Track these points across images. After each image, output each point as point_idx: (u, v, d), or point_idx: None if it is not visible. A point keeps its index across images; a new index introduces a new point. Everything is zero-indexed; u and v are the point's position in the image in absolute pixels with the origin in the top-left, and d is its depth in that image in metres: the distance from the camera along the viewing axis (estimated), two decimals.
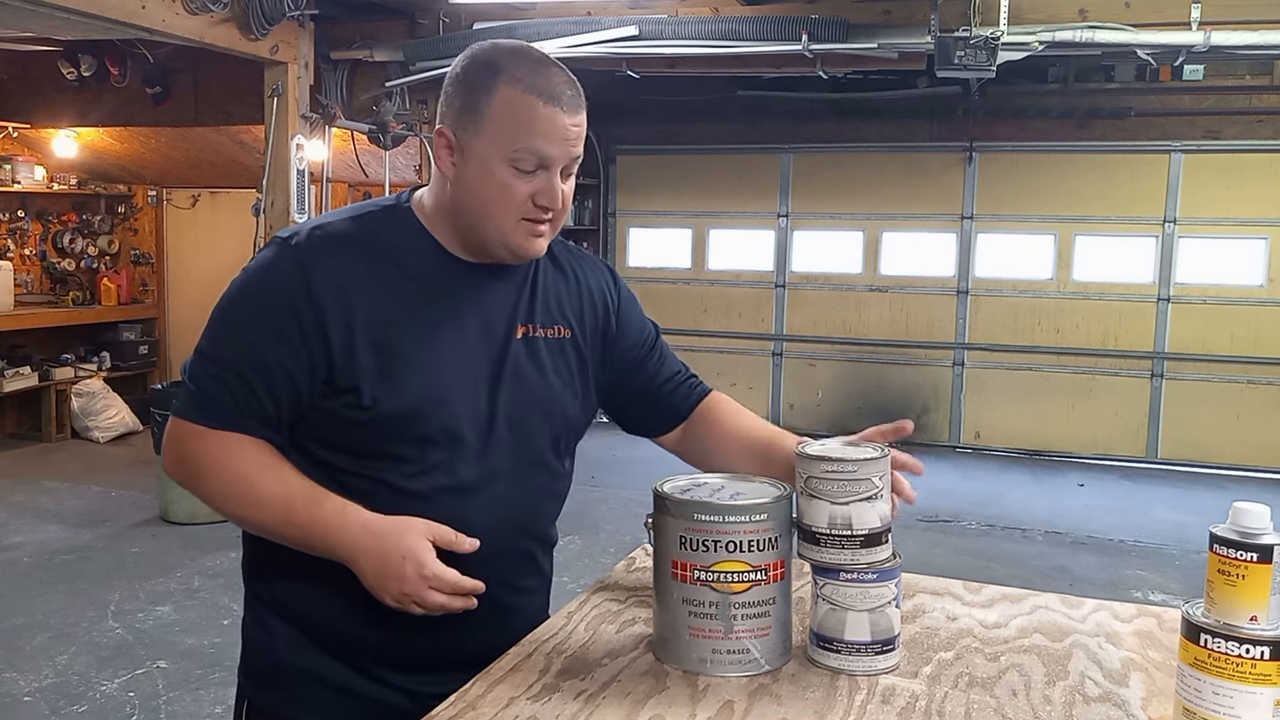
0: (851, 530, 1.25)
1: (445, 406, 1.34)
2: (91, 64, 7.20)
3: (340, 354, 1.30)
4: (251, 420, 1.33)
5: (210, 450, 1.33)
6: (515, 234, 1.34)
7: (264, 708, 1.45)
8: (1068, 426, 8.02)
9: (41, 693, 3.70)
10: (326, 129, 6.56)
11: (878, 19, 5.97)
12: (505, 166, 1.30)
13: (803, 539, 1.28)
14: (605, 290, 1.54)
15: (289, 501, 1.31)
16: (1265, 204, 7.49)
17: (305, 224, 1.39)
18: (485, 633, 1.37)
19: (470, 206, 1.34)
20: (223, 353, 1.34)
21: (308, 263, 1.32)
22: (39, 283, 8.54)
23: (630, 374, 1.56)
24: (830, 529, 1.25)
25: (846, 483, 1.25)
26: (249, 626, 1.48)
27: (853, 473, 1.25)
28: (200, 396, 1.34)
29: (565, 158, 1.32)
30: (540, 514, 1.49)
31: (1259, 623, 1.06)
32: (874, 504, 1.26)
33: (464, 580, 1.30)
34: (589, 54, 6.12)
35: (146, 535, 5.60)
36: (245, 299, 1.35)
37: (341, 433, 1.34)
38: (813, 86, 7.61)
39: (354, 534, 1.30)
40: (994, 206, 8.10)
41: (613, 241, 9.07)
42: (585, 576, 4.82)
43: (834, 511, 1.25)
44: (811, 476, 1.27)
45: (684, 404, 1.60)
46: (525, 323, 1.43)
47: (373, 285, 1.33)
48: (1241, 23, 5.45)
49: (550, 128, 1.29)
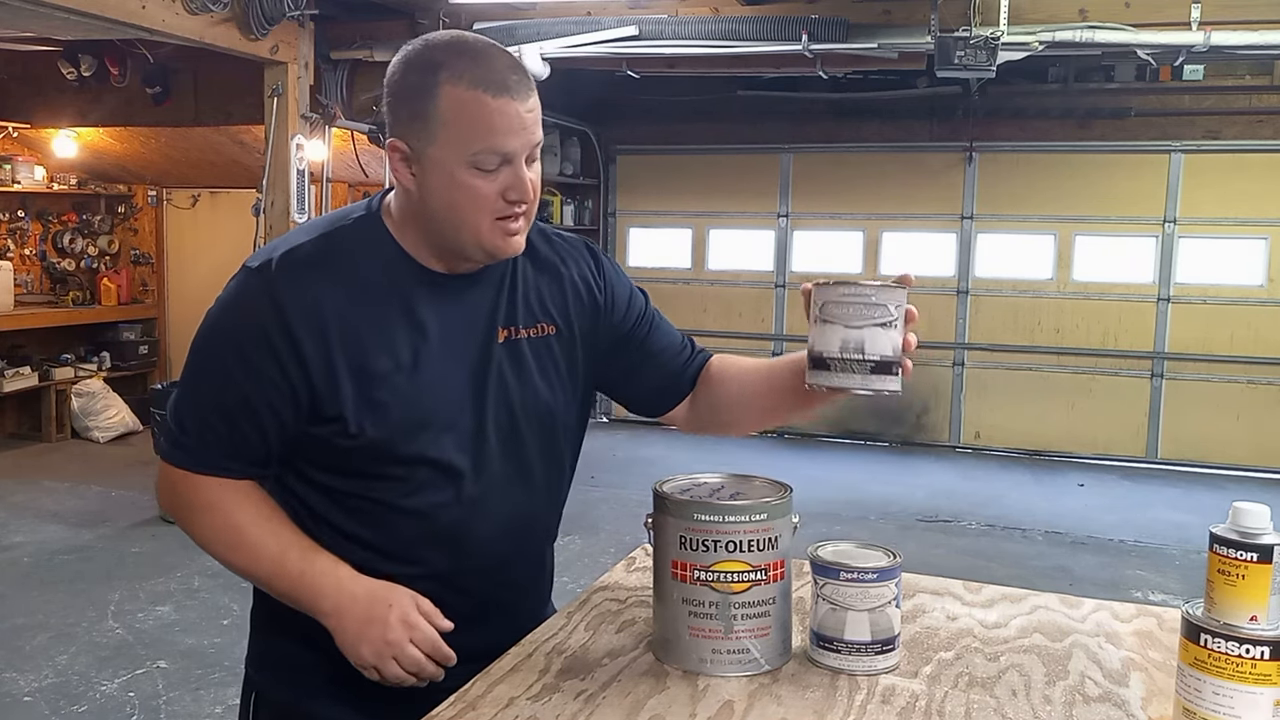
0: (864, 355, 1.23)
1: (430, 426, 1.33)
2: (91, 64, 7.19)
3: (321, 383, 1.28)
4: (237, 462, 1.32)
5: (199, 496, 1.33)
6: (492, 235, 1.29)
7: (272, 699, 1.46)
8: (1068, 426, 8.02)
9: (41, 693, 3.69)
10: (326, 129, 6.56)
11: (878, 19, 5.97)
12: (467, 169, 1.25)
13: (812, 366, 1.26)
14: (588, 272, 1.49)
15: (282, 553, 1.31)
16: (1265, 204, 7.49)
17: (273, 248, 1.33)
18: (491, 631, 1.38)
19: (440, 215, 1.29)
20: (202, 392, 1.32)
21: (278, 291, 1.27)
22: (39, 283, 8.54)
23: (627, 345, 1.52)
24: (842, 353, 1.23)
25: (862, 306, 1.23)
26: (257, 616, 1.48)
27: (869, 297, 1.23)
28: (183, 438, 1.33)
29: (526, 146, 1.27)
30: (539, 517, 1.48)
31: (1259, 623, 1.06)
32: (887, 331, 1.23)
33: (441, 644, 1.29)
34: (589, 54, 6.11)
35: (146, 535, 5.59)
36: (219, 335, 1.32)
37: (333, 457, 1.33)
38: (813, 86, 7.61)
39: (344, 585, 1.30)
40: (994, 206, 8.10)
41: (613, 241, 9.07)
42: (585, 576, 4.81)
43: (847, 336, 1.23)
44: (828, 302, 1.24)
45: (686, 372, 1.55)
46: (506, 325, 1.39)
47: (347, 308, 1.29)
48: (1241, 23, 5.45)
49: (505, 120, 1.24)
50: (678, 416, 1.57)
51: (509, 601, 1.44)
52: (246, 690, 1.49)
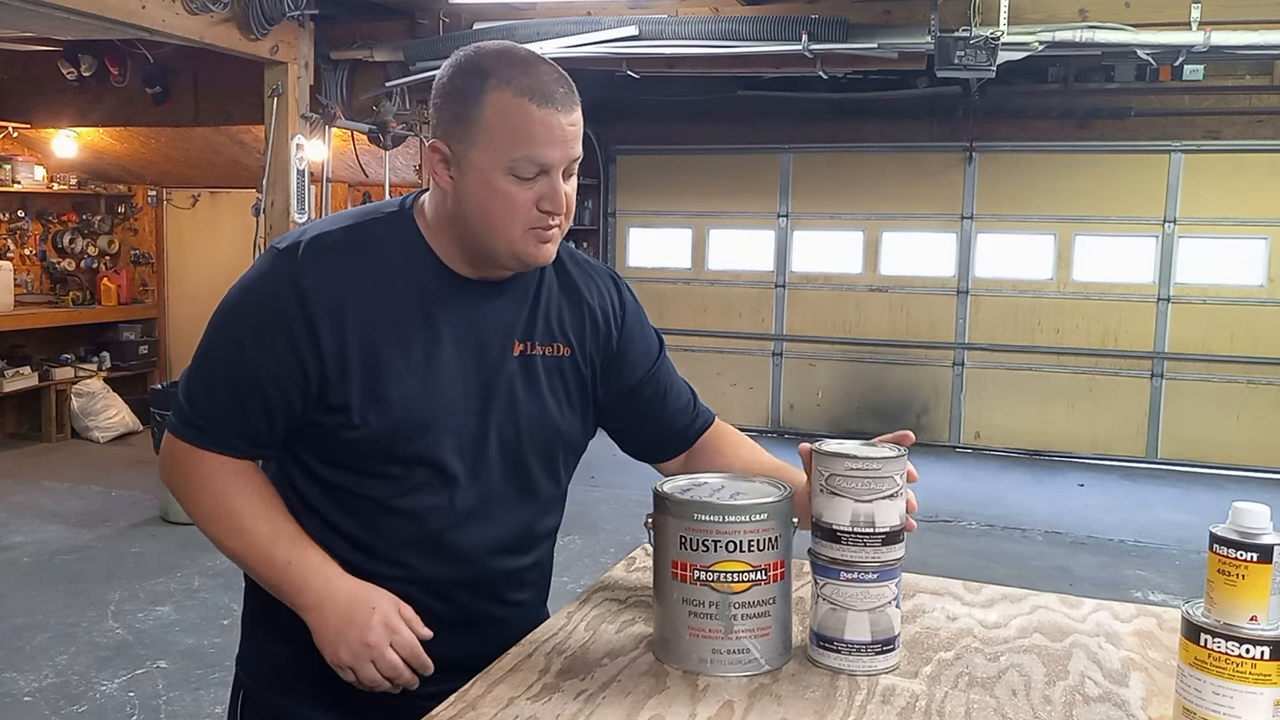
0: (874, 528, 1.25)
1: (433, 428, 1.33)
2: (91, 64, 7.20)
3: (334, 371, 1.28)
4: (242, 440, 1.32)
5: (200, 472, 1.33)
6: (524, 243, 1.29)
7: (259, 698, 1.46)
8: (1067, 426, 8.02)
9: (41, 693, 3.69)
10: (326, 129, 6.56)
11: (878, 19, 5.97)
12: (505, 176, 1.26)
13: (822, 537, 1.28)
14: (609, 302, 1.49)
15: (273, 541, 1.31)
16: (1265, 204, 7.49)
17: (303, 231, 1.34)
18: (476, 640, 1.37)
19: (474, 220, 1.29)
20: (216, 368, 1.33)
21: (303, 277, 1.28)
22: (39, 283, 8.54)
23: (632, 395, 1.51)
24: (853, 527, 1.25)
25: (870, 480, 1.25)
26: (248, 617, 1.48)
27: (876, 470, 1.25)
28: (192, 414, 1.33)
29: (565, 159, 1.27)
30: (531, 533, 1.47)
31: (1259, 623, 1.06)
32: (894, 502, 1.26)
33: (420, 651, 1.29)
34: (589, 54, 6.11)
35: (146, 535, 5.59)
36: (239, 313, 1.32)
37: (333, 448, 1.34)
38: (813, 86, 7.60)
39: (330, 582, 1.30)
40: (994, 206, 8.10)
41: (613, 241, 9.07)
42: (585, 576, 4.82)
43: (856, 509, 1.25)
44: (834, 474, 1.26)
45: (687, 432, 1.56)
46: (524, 339, 1.39)
47: (368, 301, 1.30)
48: (1241, 23, 5.45)
49: (546, 131, 1.25)
50: (670, 467, 1.58)
51: (492, 616, 1.43)
52: (235, 690, 1.49)
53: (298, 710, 1.41)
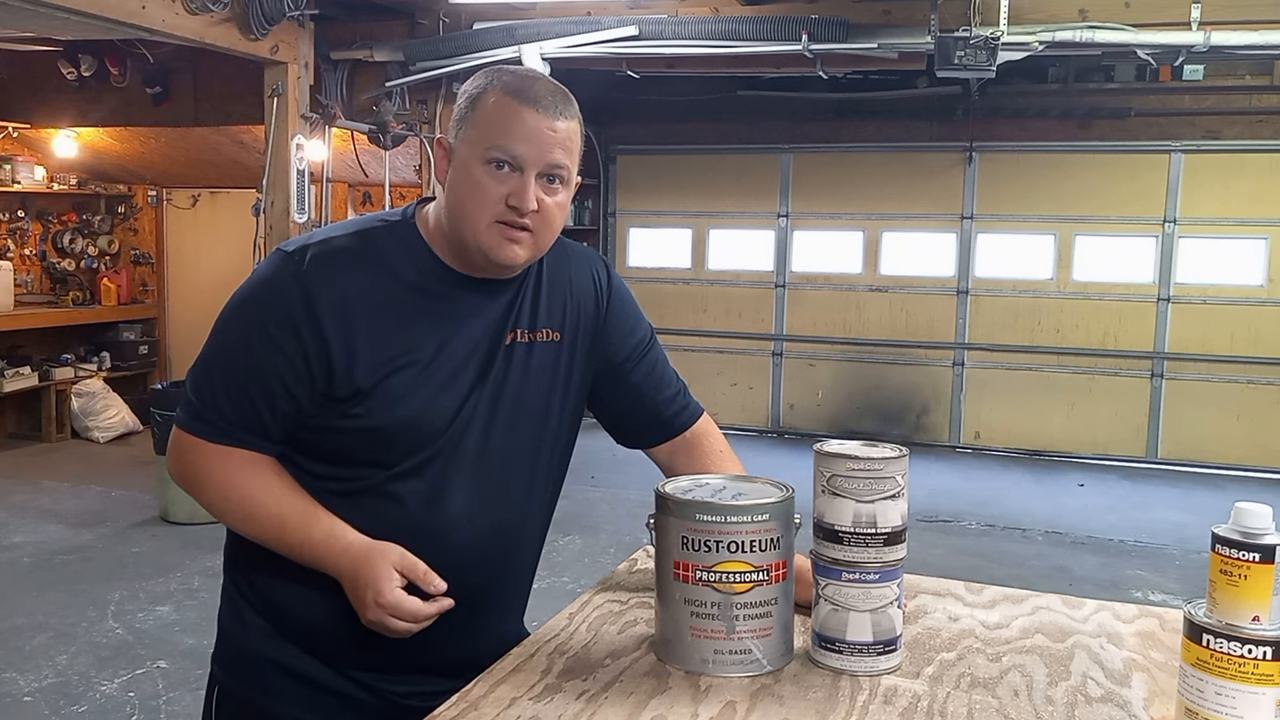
0: (876, 528, 1.26)
1: (432, 421, 1.36)
2: (91, 64, 7.20)
3: (340, 369, 1.32)
4: (250, 435, 1.35)
5: (210, 464, 1.37)
6: (489, 235, 1.33)
7: (234, 695, 1.48)
8: (1067, 426, 8.02)
9: (41, 693, 3.69)
10: (326, 129, 6.56)
11: (878, 19, 5.97)
12: (481, 165, 1.32)
13: (823, 538, 1.28)
14: (595, 282, 1.53)
15: (282, 522, 1.35)
16: (1265, 204, 7.49)
17: (309, 236, 1.39)
18: (454, 639, 1.40)
19: (452, 209, 1.35)
20: (223, 365, 1.36)
21: (309, 278, 1.32)
22: (39, 283, 8.54)
23: (619, 375, 1.55)
24: (854, 527, 1.26)
25: (872, 481, 1.26)
26: (224, 615, 1.51)
27: (878, 471, 1.26)
28: (200, 409, 1.36)
29: (539, 161, 1.31)
30: (524, 523, 1.49)
31: (1261, 623, 1.07)
32: (896, 502, 1.27)
33: (423, 608, 1.32)
34: (589, 54, 6.12)
35: (146, 535, 5.59)
36: (247, 312, 1.36)
37: (328, 441, 1.37)
38: (813, 86, 7.60)
39: (336, 558, 1.34)
40: (994, 206, 8.10)
41: (613, 241, 9.07)
42: (585, 576, 4.82)
43: (859, 510, 1.26)
44: (836, 475, 1.27)
45: (674, 421, 1.59)
46: (515, 327, 1.43)
47: (373, 299, 1.34)
48: (1241, 23, 5.45)
49: (523, 126, 1.30)
50: (656, 458, 1.61)
51: (476, 612, 1.44)
52: (210, 686, 1.51)
53: (272, 705, 1.43)
